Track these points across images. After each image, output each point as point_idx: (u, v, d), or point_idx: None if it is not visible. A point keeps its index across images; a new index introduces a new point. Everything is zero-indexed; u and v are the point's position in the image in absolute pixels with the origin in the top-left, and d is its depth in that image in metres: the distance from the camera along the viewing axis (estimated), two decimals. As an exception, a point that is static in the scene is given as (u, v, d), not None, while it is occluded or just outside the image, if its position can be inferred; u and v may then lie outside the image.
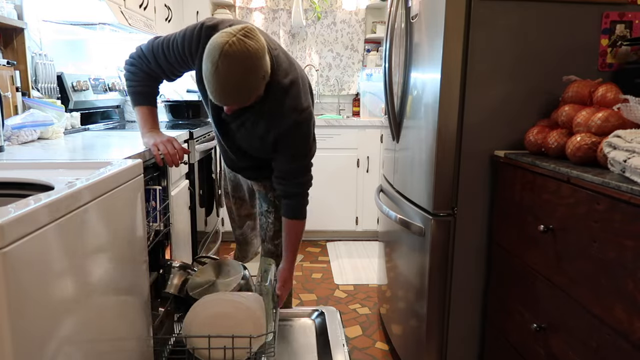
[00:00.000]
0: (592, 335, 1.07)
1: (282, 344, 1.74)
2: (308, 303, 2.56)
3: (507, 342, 1.47)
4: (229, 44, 1.29)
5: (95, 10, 2.20)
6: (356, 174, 3.52)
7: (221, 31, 1.34)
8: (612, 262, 1.00)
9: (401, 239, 1.88)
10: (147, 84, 1.64)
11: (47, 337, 0.83)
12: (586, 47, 1.51)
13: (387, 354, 2.08)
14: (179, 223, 2.04)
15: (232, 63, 1.30)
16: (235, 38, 1.30)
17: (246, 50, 1.30)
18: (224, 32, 1.32)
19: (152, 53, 1.60)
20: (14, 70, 1.82)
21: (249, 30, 1.34)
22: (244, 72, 1.32)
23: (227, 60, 1.29)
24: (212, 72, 1.32)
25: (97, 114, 2.66)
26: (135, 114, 1.67)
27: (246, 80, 1.34)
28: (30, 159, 1.35)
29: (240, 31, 1.32)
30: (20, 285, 0.75)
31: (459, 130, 1.52)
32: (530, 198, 1.33)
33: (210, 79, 1.33)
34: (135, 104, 1.66)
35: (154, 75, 1.63)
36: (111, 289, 1.14)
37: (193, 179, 2.31)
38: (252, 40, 1.32)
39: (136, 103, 1.66)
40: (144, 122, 1.64)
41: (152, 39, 1.63)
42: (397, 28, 1.94)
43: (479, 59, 1.49)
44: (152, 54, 1.60)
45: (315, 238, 3.64)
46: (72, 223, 0.92)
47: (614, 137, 1.09)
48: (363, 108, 3.70)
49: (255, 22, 3.95)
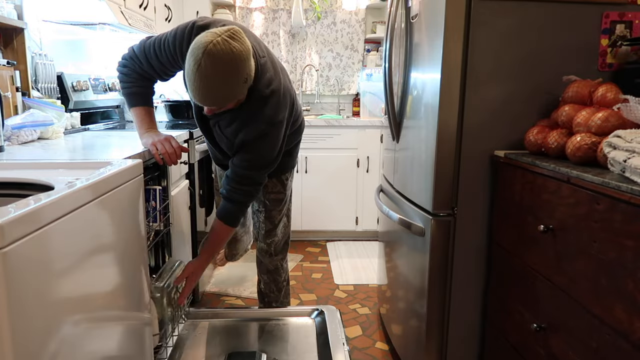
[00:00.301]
0: (592, 335, 1.07)
1: (282, 342, 1.74)
2: (308, 303, 2.56)
3: (507, 342, 1.47)
4: (213, 44, 1.28)
5: (95, 10, 2.20)
6: (356, 174, 3.52)
7: (207, 31, 1.34)
8: (612, 262, 1.00)
9: (401, 239, 1.88)
10: (141, 84, 1.63)
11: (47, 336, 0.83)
12: (586, 47, 1.51)
13: (387, 354, 2.08)
14: (179, 223, 2.04)
15: (215, 62, 1.29)
16: (220, 38, 1.29)
17: (230, 51, 1.30)
18: (210, 32, 1.32)
19: (144, 53, 1.59)
20: (14, 70, 1.82)
21: (235, 32, 1.33)
22: (225, 73, 1.31)
23: (210, 60, 1.28)
24: (194, 71, 1.31)
25: (97, 114, 2.66)
26: (132, 115, 1.66)
27: (227, 81, 1.33)
28: (30, 159, 1.35)
29: (226, 32, 1.32)
30: (20, 285, 0.75)
31: (459, 130, 1.52)
32: (530, 198, 1.34)
33: (191, 77, 1.32)
34: (131, 106, 1.65)
35: (146, 76, 1.63)
36: (111, 289, 1.14)
37: (193, 179, 2.31)
38: (237, 42, 1.32)
39: (132, 104, 1.65)
40: (140, 122, 1.64)
41: (144, 39, 1.62)
42: (397, 28, 1.94)
43: (479, 59, 1.49)
44: (144, 54, 1.59)
45: (315, 238, 3.64)
46: (72, 223, 0.92)
47: (614, 137, 1.10)
48: (363, 108, 3.70)
49: (255, 22, 3.95)
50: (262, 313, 1.90)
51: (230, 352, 1.66)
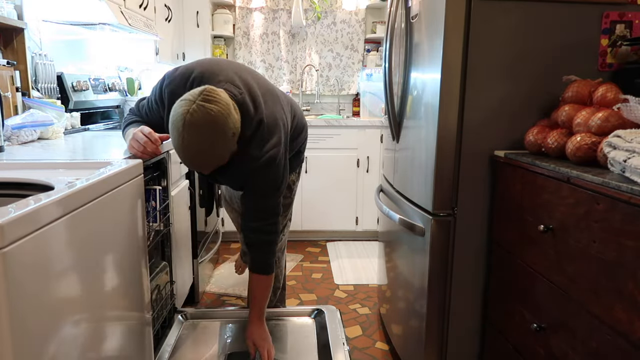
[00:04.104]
0: (592, 335, 1.07)
1: (282, 342, 1.74)
2: (308, 303, 2.56)
3: (507, 342, 1.48)
4: (189, 113, 1.26)
5: (95, 10, 2.20)
6: (356, 174, 3.52)
7: (180, 99, 1.31)
8: (612, 262, 1.00)
9: (401, 239, 1.88)
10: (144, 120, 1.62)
11: (46, 336, 0.83)
12: (586, 47, 1.51)
13: (387, 354, 2.08)
14: (179, 223, 2.04)
15: (197, 132, 1.27)
16: (195, 105, 1.26)
17: (208, 115, 1.27)
18: (183, 101, 1.29)
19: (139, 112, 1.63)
20: (14, 70, 1.82)
21: (208, 93, 1.30)
22: (210, 138, 1.29)
23: (192, 130, 1.26)
24: (180, 144, 1.30)
25: (97, 114, 2.66)
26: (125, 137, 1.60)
27: (215, 145, 1.31)
28: (30, 159, 1.35)
29: (199, 96, 1.28)
30: (20, 285, 0.75)
31: (459, 130, 1.52)
32: (530, 198, 1.33)
33: (179, 150, 1.31)
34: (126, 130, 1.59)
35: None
36: (111, 289, 1.14)
37: (193, 179, 2.31)
38: (213, 103, 1.28)
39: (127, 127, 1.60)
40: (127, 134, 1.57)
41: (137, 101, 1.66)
42: (397, 28, 1.94)
43: (479, 59, 1.49)
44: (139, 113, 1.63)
45: (315, 238, 3.64)
46: (72, 223, 0.92)
47: (614, 137, 1.09)
48: (363, 108, 3.70)
49: (255, 22, 3.95)
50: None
51: (230, 352, 1.66)
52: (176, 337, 1.74)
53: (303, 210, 3.50)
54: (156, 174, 1.80)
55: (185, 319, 1.88)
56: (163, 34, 3.05)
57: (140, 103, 1.64)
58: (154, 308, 1.60)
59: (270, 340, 1.64)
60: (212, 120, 1.27)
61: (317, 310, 1.93)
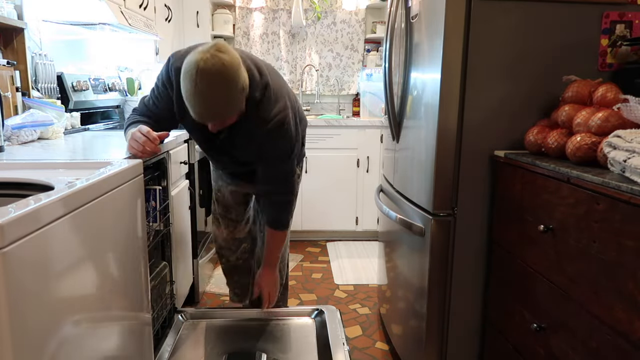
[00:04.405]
0: (592, 335, 1.07)
1: (282, 342, 1.74)
2: (308, 303, 2.56)
3: (507, 342, 1.47)
4: (203, 60, 1.30)
5: (95, 10, 2.20)
6: (356, 174, 3.52)
7: (193, 51, 1.35)
8: (612, 262, 1.00)
9: (401, 239, 1.88)
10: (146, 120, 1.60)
11: (46, 336, 0.83)
12: (586, 47, 1.51)
13: (387, 354, 2.08)
14: (179, 223, 2.04)
15: (210, 78, 1.30)
16: (209, 54, 1.31)
17: (221, 64, 1.31)
18: (197, 51, 1.33)
19: (146, 106, 1.62)
20: (14, 70, 1.82)
21: (221, 46, 1.35)
22: (222, 85, 1.33)
23: (205, 76, 1.30)
24: (192, 92, 1.31)
25: (97, 114, 2.66)
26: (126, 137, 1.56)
27: (226, 92, 1.34)
28: (30, 159, 1.35)
29: (213, 47, 1.33)
30: (20, 285, 0.75)
31: (459, 130, 1.52)
32: (530, 198, 1.33)
33: (190, 98, 1.33)
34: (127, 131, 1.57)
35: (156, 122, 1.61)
36: (111, 289, 1.14)
37: (193, 179, 2.31)
38: (226, 54, 1.33)
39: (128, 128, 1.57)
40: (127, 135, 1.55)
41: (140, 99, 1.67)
42: (397, 28, 1.94)
43: (479, 59, 1.49)
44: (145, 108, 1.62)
45: (315, 238, 3.64)
46: (71, 223, 0.92)
47: (614, 137, 1.09)
48: (363, 108, 3.70)
49: (255, 22, 3.95)
50: (262, 313, 1.90)
51: (230, 352, 1.66)
52: (176, 337, 1.74)
53: (303, 210, 3.50)
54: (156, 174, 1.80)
55: (185, 319, 1.88)
56: (163, 34, 3.05)
57: (145, 98, 1.65)
58: (154, 308, 1.60)
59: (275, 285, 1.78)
60: (225, 69, 1.32)
61: (317, 310, 1.93)
